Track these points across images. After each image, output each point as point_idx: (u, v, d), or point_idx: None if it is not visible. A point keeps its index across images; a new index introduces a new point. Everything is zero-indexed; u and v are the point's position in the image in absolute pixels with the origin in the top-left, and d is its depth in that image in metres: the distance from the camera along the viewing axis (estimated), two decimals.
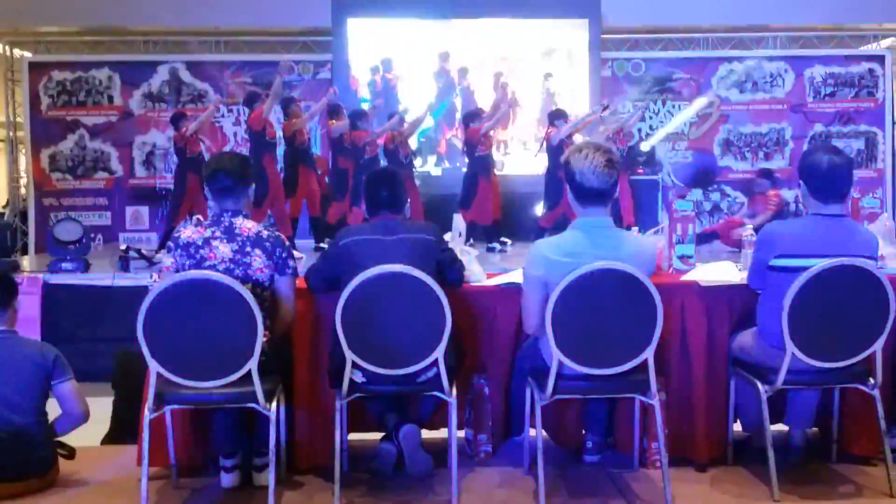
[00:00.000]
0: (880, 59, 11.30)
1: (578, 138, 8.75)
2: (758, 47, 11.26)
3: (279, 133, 8.87)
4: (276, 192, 8.50)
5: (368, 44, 10.75)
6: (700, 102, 10.85)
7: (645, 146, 11.03)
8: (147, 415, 3.18)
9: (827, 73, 11.25)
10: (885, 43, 11.66)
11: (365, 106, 10.19)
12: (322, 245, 8.67)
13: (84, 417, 3.50)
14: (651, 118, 11.22)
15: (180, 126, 8.89)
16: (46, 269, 7.28)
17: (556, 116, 9.09)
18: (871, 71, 11.25)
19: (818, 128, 11.22)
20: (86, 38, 11.16)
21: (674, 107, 11.22)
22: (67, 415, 3.46)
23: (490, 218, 9.01)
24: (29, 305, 6.12)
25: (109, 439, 4.38)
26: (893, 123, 11.28)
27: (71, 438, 3.59)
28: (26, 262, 9.56)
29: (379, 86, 10.85)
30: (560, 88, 10.97)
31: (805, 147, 10.86)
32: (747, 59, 11.17)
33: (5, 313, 3.43)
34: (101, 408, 4.38)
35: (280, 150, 8.97)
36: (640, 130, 11.15)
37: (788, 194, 10.82)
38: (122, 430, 4.29)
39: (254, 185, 3.54)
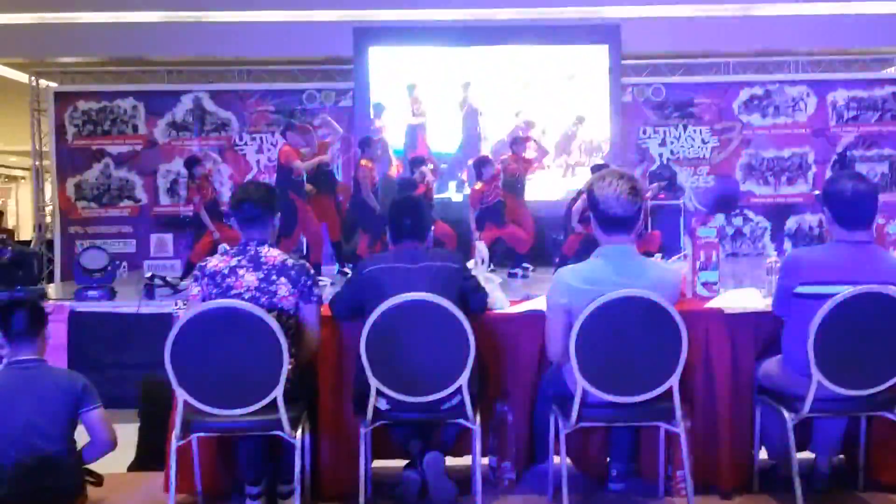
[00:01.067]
0: None
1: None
2: (779, 72, 11.24)
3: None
4: (304, 218, 8.55)
5: (391, 71, 10.83)
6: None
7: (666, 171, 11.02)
8: (174, 442, 3.21)
9: (849, 97, 11.21)
10: None
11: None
12: (345, 270, 8.72)
13: (112, 445, 3.53)
14: (672, 143, 11.22)
15: (195, 173, 8.96)
16: (73, 296, 7.35)
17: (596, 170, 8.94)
18: (894, 94, 11.20)
19: (841, 150, 11.15)
20: (110, 69, 11.32)
21: (695, 132, 11.21)
22: (95, 442, 3.49)
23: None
24: (56, 333, 6.17)
25: (136, 466, 4.40)
26: None
27: (98, 465, 3.61)
28: (52, 290, 9.66)
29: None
30: (583, 119, 10.98)
31: (828, 171, 10.83)
32: (769, 84, 11.15)
33: (35, 342, 3.47)
34: (128, 435, 4.40)
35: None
36: (660, 155, 11.16)
37: (812, 218, 10.79)
38: (149, 457, 4.32)
39: (279, 214, 3.58)
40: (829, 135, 11.21)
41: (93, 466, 3.59)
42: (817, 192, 9.79)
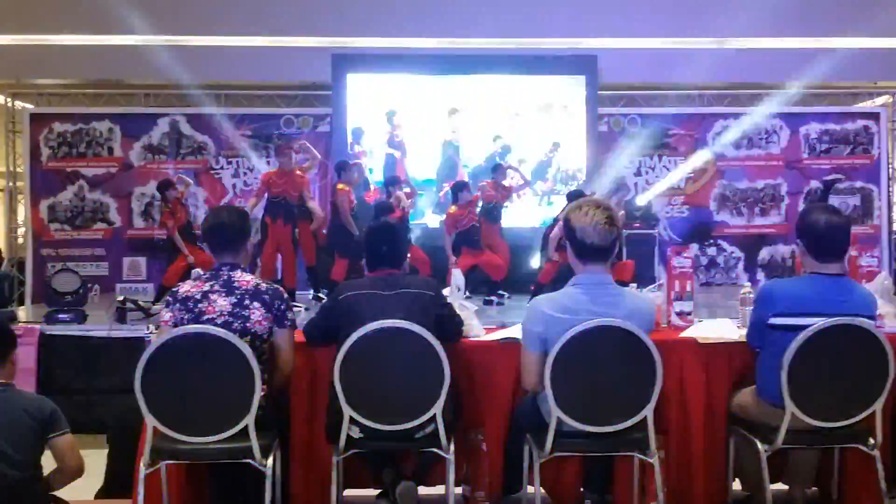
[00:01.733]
0: (875, 116, 11.42)
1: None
2: (753, 104, 11.38)
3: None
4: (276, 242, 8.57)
5: (370, 97, 10.85)
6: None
7: (641, 200, 11.08)
8: (142, 469, 3.16)
9: (822, 130, 11.36)
10: (880, 100, 11.80)
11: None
12: (320, 295, 8.67)
13: (79, 472, 3.46)
14: (647, 173, 11.31)
15: (167, 196, 8.95)
16: (43, 319, 7.26)
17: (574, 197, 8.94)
18: (866, 128, 11.37)
19: (814, 184, 11.29)
20: (87, 91, 11.26)
21: (670, 162, 11.30)
22: (62, 469, 3.42)
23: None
24: (25, 356, 6.09)
25: (104, 493, 4.33)
26: (889, 180, 11.37)
27: (65, 492, 3.54)
28: (23, 312, 9.53)
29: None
30: (559, 145, 11.05)
31: (801, 204, 10.95)
32: (743, 116, 11.28)
33: (3, 366, 3.40)
34: (97, 461, 4.33)
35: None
36: (636, 185, 11.24)
37: (785, 249, 10.88)
38: (117, 483, 4.25)
39: (251, 240, 3.56)
40: (801, 167, 11.34)
41: (60, 493, 3.53)
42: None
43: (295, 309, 3.54)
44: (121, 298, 7.78)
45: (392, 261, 3.53)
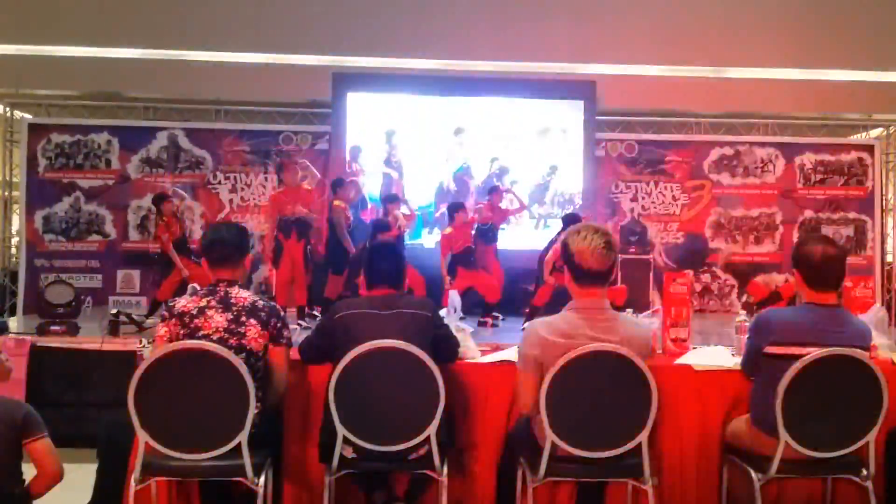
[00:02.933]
0: (869, 148, 11.49)
1: None
2: (749, 133, 11.45)
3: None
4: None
5: (369, 116, 10.89)
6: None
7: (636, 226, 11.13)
8: (133, 485, 3.14)
9: (817, 161, 11.42)
10: (875, 133, 11.88)
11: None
12: (314, 313, 8.66)
13: (59, 477, 3.36)
14: (643, 198, 11.35)
15: (162, 209, 8.95)
16: (35, 331, 7.22)
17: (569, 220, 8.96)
18: (860, 159, 11.44)
19: (808, 214, 11.36)
20: (86, 103, 11.28)
21: (665, 188, 11.35)
22: (40, 475, 3.34)
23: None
24: (15, 368, 6.05)
25: None
26: (882, 212, 11.43)
27: None
28: (14, 323, 9.49)
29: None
30: (556, 168, 11.10)
31: (795, 233, 11.00)
32: (739, 145, 11.35)
33: None
34: (86, 475, 4.30)
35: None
36: (632, 210, 11.28)
37: (778, 278, 10.89)
38: (106, 499, 4.20)
39: (249, 256, 3.56)
40: (796, 196, 11.40)
41: (46, 503, 3.48)
42: None
43: (291, 327, 3.53)
44: (114, 311, 7.76)
45: (391, 280, 3.53)
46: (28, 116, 11.27)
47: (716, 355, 3.92)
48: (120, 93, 11.02)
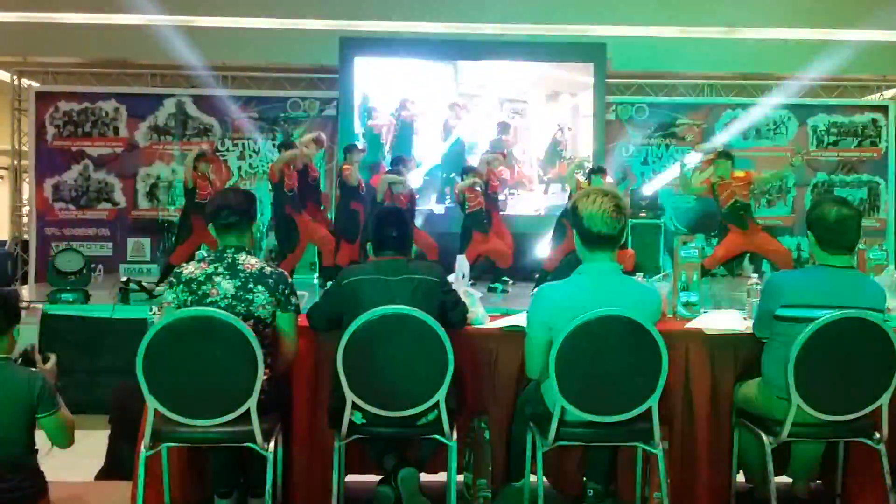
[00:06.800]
0: (883, 109, 11.38)
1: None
2: (761, 95, 11.32)
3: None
4: (305, 229, 8.54)
5: (376, 81, 10.82)
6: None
7: (647, 189, 11.04)
8: (143, 452, 3.14)
9: (830, 123, 11.31)
10: (889, 94, 11.73)
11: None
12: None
13: (68, 445, 3.37)
14: (654, 162, 11.27)
15: (197, 165, 8.77)
16: (46, 298, 7.26)
17: (595, 171, 8.94)
18: (874, 121, 11.32)
19: (821, 176, 11.26)
20: (93, 70, 11.23)
21: (677, 151, 11.25)
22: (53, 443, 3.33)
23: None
24: (27, 335, 6.08)
25: (104, 475, 4.32)
26: None
27: (65, 473, 3.53)
28: (26, 291, 9.54)
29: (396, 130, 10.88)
30: (565, 131, 11.03)
31: (808, 195, 10.90)
32: (751, 107, 11.22)
33: (3, 339, 3.34)
34: (97, 441, 4.34)
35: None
36: (643, 174, 11.19)
37: (790, 242, 10.83)
38: (118, 465, 4.24)
39: (257, 223, 3.53)
40: (809, 159, 11.29)
41: (61, 470, 3.49)
42: None
43: (299, 293, 3.51)
44: (124, 279, 7.79)
45: (398, 246, 3.50)
46: (35, 84, 11.24)
47: (727, 319, 3.89)
48: (127, 59, 10.96)
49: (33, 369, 3.27)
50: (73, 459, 3.54)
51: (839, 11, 10.22)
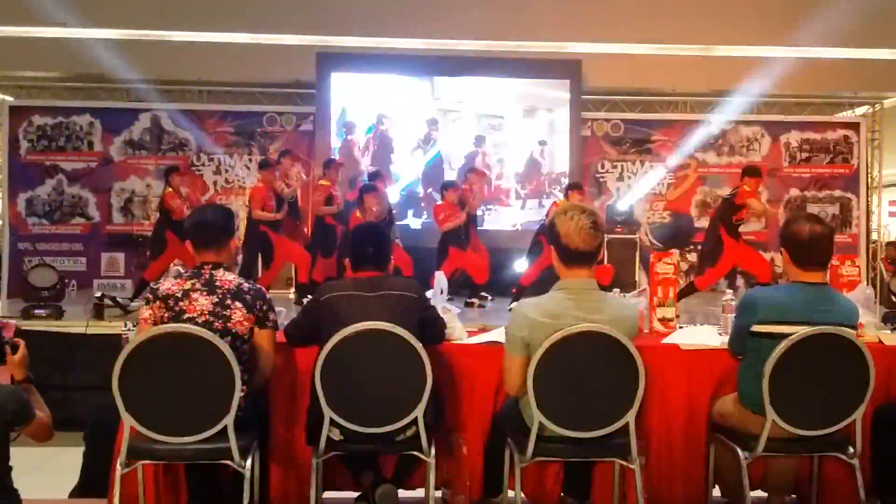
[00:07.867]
0: (855, 126, 11.54)
1: None
2: (735, 111, 11.43)
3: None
4: (281, 245, 8.59)
5: (357, 95, 10.83)
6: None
7: (622, 205, 11.12)
8: (118, 469, 3.11)
9: (802, 139, 11.46)
10: (860, 110, 11.90)
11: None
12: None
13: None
14: (629, 178, 11.35)
15: (171, 181, 8.78)
16: (19, 314, 7.18)
17: (571, 187, 8.97)
18: (846, 137, 11.48)
19: (794, 192, 11.39)
20: (68, 84, 11.15)
21: (651, 167, 11.35)
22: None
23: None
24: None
25: (78, 492, 4.26)
26: (868, 190, 11.48)
27: (39, 491, 3.49)
28: None
29: (374, 144, 10.89)
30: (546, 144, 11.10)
31: (781, 212, 11.01)
32: (724, 123, 11.33)
33: None
34: (72, 458, 4.29)
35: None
36: (618, 190, 11.27)
37: (764, 257, 10.93)
38: (93, 483, 4.19)
39: (236, 239, 3.53)
40: (782, 175, 11.42)
41: (35, 487, 3.44)
42: None
43: (276, 310, 3.50)
44: (98, 294, 7.72)
45: (377, 262, 3.50)
46: (9, 98, 11.15)
47: (703, 334, 3.92)
48: (101, 74, 10.90)
49: (4, 384, 3.21)
50: (47, 476, 3.50)
51: (811, 29, 10.35)
